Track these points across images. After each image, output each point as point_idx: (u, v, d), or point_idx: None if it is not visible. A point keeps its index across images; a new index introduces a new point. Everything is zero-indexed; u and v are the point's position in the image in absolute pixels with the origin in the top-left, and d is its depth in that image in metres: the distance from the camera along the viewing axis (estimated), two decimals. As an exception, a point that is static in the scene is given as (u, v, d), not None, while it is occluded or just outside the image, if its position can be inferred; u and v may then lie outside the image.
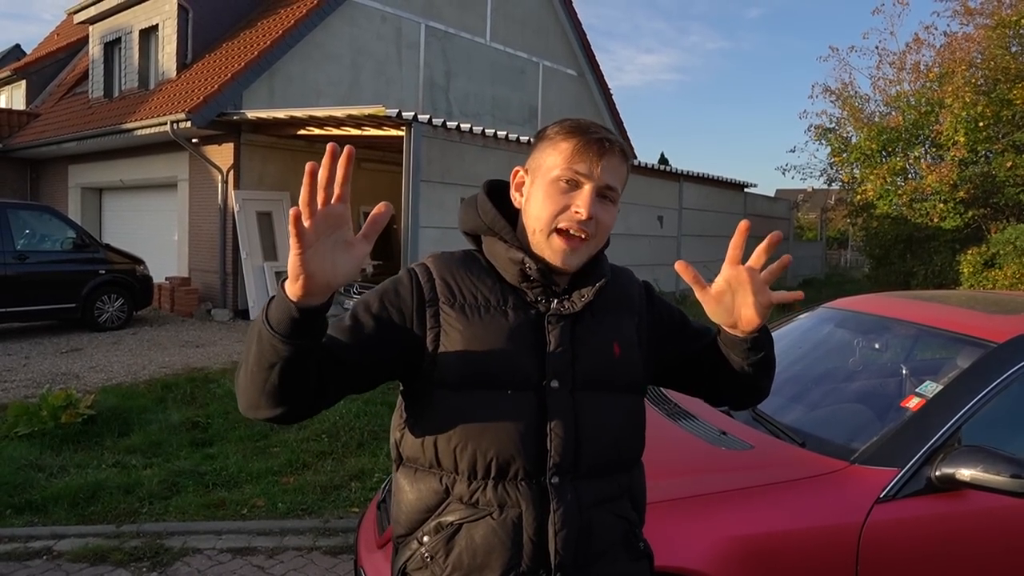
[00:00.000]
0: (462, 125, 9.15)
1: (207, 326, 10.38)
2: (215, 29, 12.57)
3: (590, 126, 1.22)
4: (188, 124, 10.21)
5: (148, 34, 13.02)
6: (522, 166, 1.29)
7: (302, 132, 10.44)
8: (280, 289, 1.02)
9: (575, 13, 16.26)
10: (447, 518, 1.20)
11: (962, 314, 2.94)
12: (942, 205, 12.79)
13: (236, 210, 10.72)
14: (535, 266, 1.21)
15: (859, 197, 14.20)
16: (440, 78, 13.71)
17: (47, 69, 17.58)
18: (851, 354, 3.22)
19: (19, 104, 17.31)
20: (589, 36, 17.17)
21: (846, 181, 15.35)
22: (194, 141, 11.09)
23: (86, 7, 14.08)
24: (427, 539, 1.21)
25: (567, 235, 1.20)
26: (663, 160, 28.12)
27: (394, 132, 8.90)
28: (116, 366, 7.58)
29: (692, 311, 1.46)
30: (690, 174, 14.44)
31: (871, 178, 13.55)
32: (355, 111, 8.34)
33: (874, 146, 13.70)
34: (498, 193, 1.32)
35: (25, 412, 5.06)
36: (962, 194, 12.63)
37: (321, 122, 9.41)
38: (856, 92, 15.13)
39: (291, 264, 0.98)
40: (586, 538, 1.21)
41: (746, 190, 16.97)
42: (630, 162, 1.27)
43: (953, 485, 2.03)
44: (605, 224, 1.22)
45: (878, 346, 3.20)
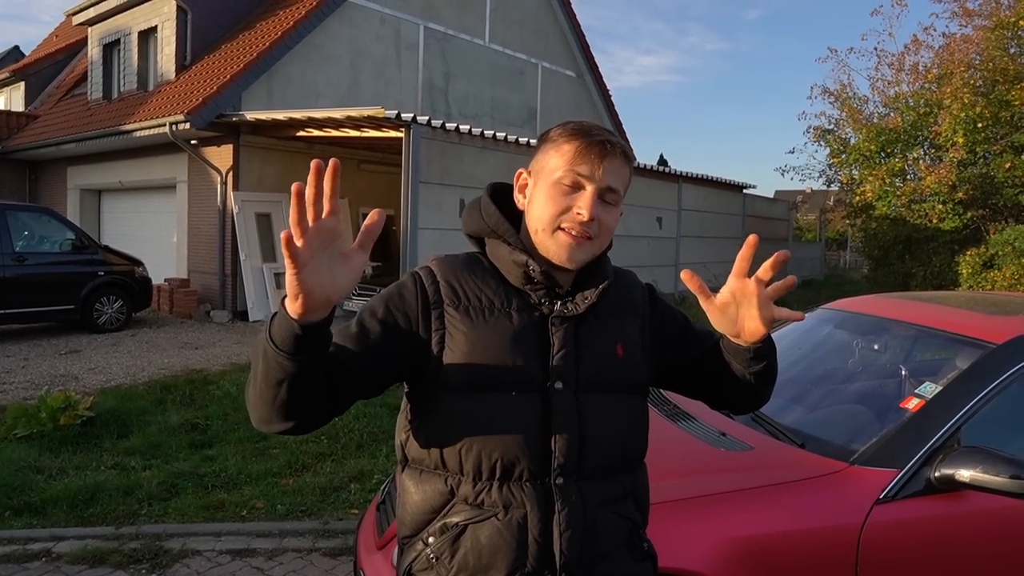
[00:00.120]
0: (461, 126, 9.15)
1: (206, 328, 10.37)
2: (214, 31, 12.57)
3: (592, 128, 1.22)
4: (187, 125, 10.21)
5: (147, 36, 13.02)
6: (525, 168, 1.30)
7: (301, 134, 10.44)
8: (281, 307, 1.01)
9: (574, 14, 16.28)
10: (452, 519, 1.20)
11: (961, 315, 2.95)
12: (941, 206, 12.80)
13: (235, 211, 10.72)
14: (539, 268, 1.22)
15: (858, 198, 14.20)
16: (439, 79, 13.71)
17: (46, 71, 17.58)
18: (850, 355, 3.22)
19: (18, 106, 17.31)
20: (588, 37, 17.21)
21: (845, 182, 15.35)
22: (193, 143, 11.09)
23: (85, 8, 14.08)
24: (432, 540, 1.22)
25: (570, 232, 1.20)
26: (662, 161, 28.14)
27: (393, 133, 8.90)
28: (115, 368, 7.57)
29: (692, 313, 1.46)
30: (689, 175, 14.45)
31: (870, 179, 13.56)
32: (354, 112, 8.34)
33: (873, 147, 13.70)
34: (501, 196, 1.33)
35: (24, 414, 5.06)
36: (961, 195, 12.63)
37: (320, 124, 9.41)
38: (855, 93, 15.11)
39: (288, 283, 0.96)
40: (591, 539, 1.21)
41: (745, 191, 16.99)
42: (633, 164, 1.27)
43: (953, 486, 2.03)
44: (607, 225, 1.23)
45: (877, 347, 3.20)
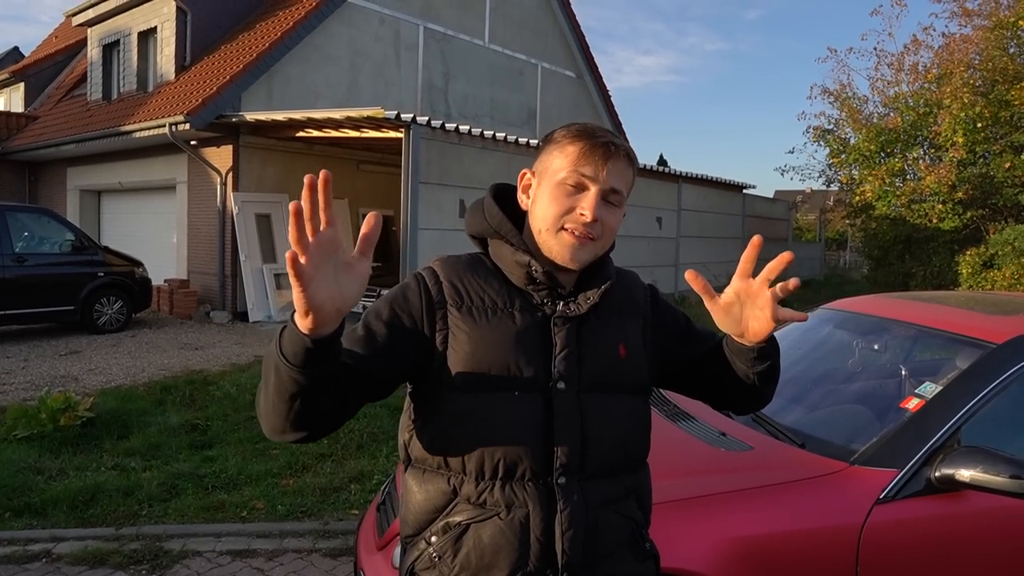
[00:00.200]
0: (461, 127, 9.14)
1: (206, 328, 10.37)
2: (213, 31, 12.57)
3: (597, 130, 1.23)
4: (187, 126, 10.21)
5: (147, 36, 13.02)
6: (529, 168, 1.30)
7: (301, 134, 10.44)
8: (291, 322, 1.00)
9: (573, 15, 16.28)
10: (455, 518, 1.21)
11: (961, 315, 2.95)
12: (941, 206, 12.80)
13: (235, 212, 10.73)
14: (541, 269, 1.23)
15: (858, 198, 14.20)
16: (439, 80, 13.71)
17: (45, 71, 17.58)
18: (850, 355, 3.22)
19: (17, 107, 17.31)
20: (588, 38, 17.23)
21: (845, 182, 15.36)
22: (193, 143, 11.09)
23: (84, 9, 14.08)
24: (435, 539, 1.22)
25: (573, 233, 1.21)
26: (662, 161, 28.16)
27: (393, 134, 8.90)
28: (115, 368, 7.57)
29: (692, 313, 1.46)
30: (689, 175, 14.45)
31: (870, 179, 13.56)
32: (353, 113, 8.34)
33: (872, 147, 13.70)
34: (503, 196, 1.33)
35: (24, 415, 5.06)
36: (961, 195, 12.63)
37: (319, 124, 9.41)
38: (854, 93, 15.11)
39: (297, 301, 0.96)
40: (593, 538, 1.22)
41: (745, 191, 16.98)
42: (637, 166, 1.28)
43: (953, 486, 2.03)
44: (610, 227, 1.23)
45: (877, 347, 3.20)
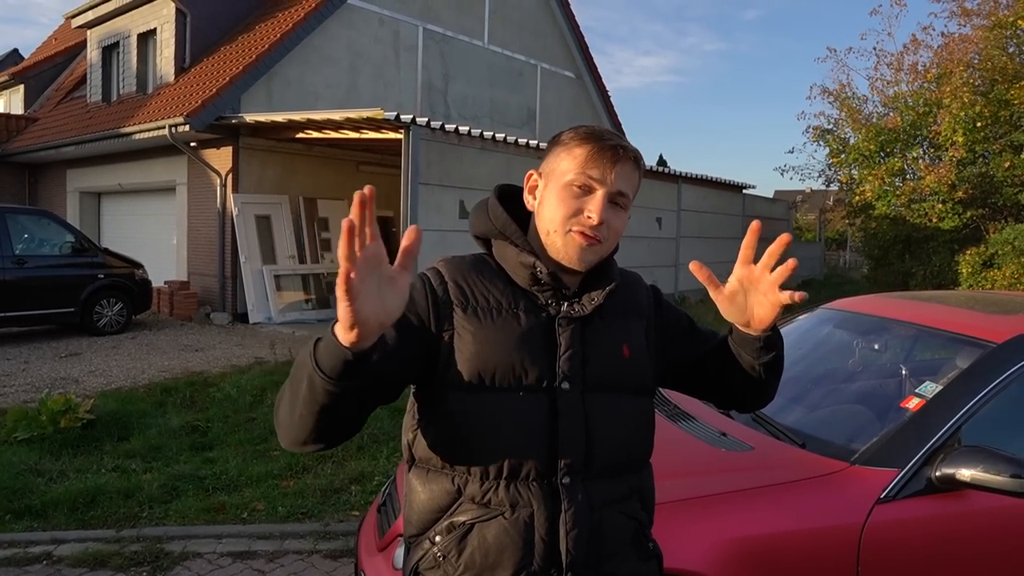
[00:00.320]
0: (460, 128, 9.14)
1: (206, 330, 10.37)
2: (213, 33, 12.57)
3: (604, 133, 1.23)
4: (186, 128, 10.22)
5: (146, 38, 13.02)
6: (533, 169, 1.31)
7: (300, 135, 10.45)
8: (331, 335, 1.00)
9: (573, 16, 16.28)
10: (459, 518, 1.21)
11: (961, 314, 2.95)
12: (940, 205, 12.80)
13: (235, 214, 10.73)
14: (546, 270, 1.23)
15: (857, 198, 14.20)
16: (438, 81, 13.72)
17: (45, 73, 17.59)
18: (850, 355, 3.22)
19: (17, 108, 17.33)
20: (587, 38, 17.24)
21: (844, 182, 15.35)
22: (192, 145, 11.09)
23: (84, 11, 14.09)
24: (439, 539, 1.22)
25: (582, 234, 1.21)
26: (661, 162, 28.17)
27: (392, 135, 8.90)
28: (115, 370, 7.57)
29: (692, 312, 1.46)
30: (688, 175, 14.44)
31: (869, 179, 13.56)
32: (353, 114, 8.34)
33: (872, 147, 13.70)
34: (508, 197, 1.34)
35: (24, 417, 5.06)
36: (960, 194, 12.63)
37: (319, 125, 9.42)
38: (854, 93, 15.10)
39: (342, 315, 0.95)
40: (597, 538, 1.22)
41: (744, 191, 16.98)
42: (641, 170, 1.28)
43: (953, 485, 2.03)
44: (616, 229, 1.24)
45: (877, 347, 3.20)
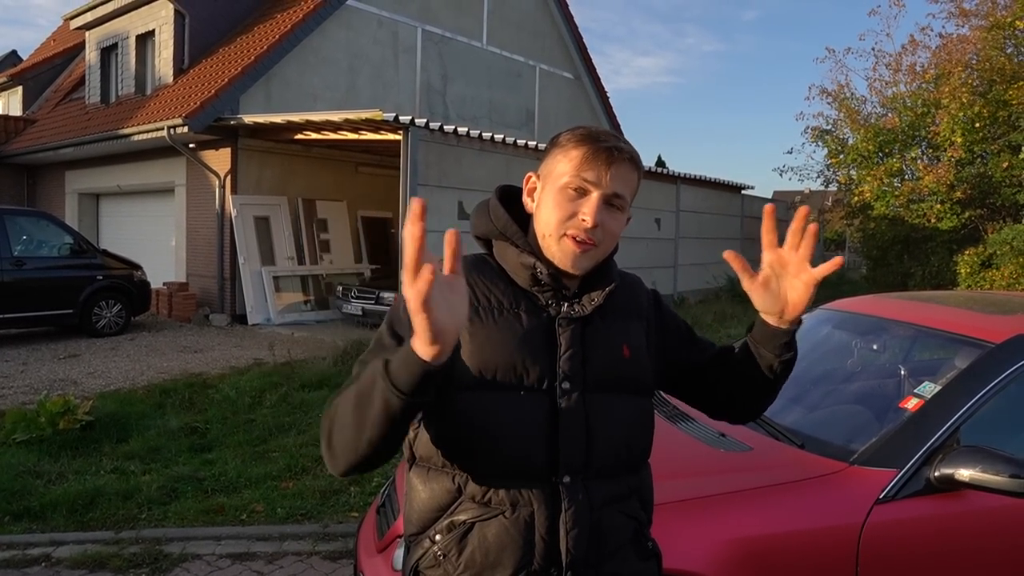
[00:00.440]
0: (459, 129, 9.15)
1: (205, 331, 10.37)
2: (212, 34, 12.57)
3: (602, 134, 1.23)
4: (185, 129, 10.21)
5: (145, 40, 13.02)
6: (531, 171, 1.31)
7: (299, 137, 10.45)
8: (409, 353, 0.98)
9: (571, 17, 16.30)
10: (460, 517, 1.21)
11: (960, 315, 2.95)
12: (939, 206, 12.81)
13: (233, 215, 10.73)
14: (546, 271, 1.23)
15: (856, 198, 14.21)
16: (437, 82, 13.72)
17: (44, 75, 17.59)
18: (849, 355, 3.22)
19: (16, 110, 17.32)
20: (585, 39, 17.24)
21: (843, 183, 15.36)
22: (191, 146, 11.09)
23: (82, 13, 14.09)
24: (439, 538, 1.22)
25: (575, 240, 1.21)
26: (660, 163, 28.17)
27: (391, 136, 8.91)
28: (114, 372, 7.57)
29: (692, 313, 1.46)
30: (687, 176, 14.45)
31: (868, 179, 13.57)
32: (352, 115, 8.35)
33: (871, 147, 13.71)
34: (509, 198, 1.34)
35: (23, 418, 5.05)
36: (959, 195, 12.65)
37: (318, 127, 9.42)
38: (852, 94, 15.11)
39: (422, 330, 0.94)
40: (597, 537, 1.22)
41: (743, 192, 16.99)
42: (640, 171, 1.28)
43: (952, 485, 2.03)
44: (612, 231, 1.24)
45: (876, 347, 3.20)
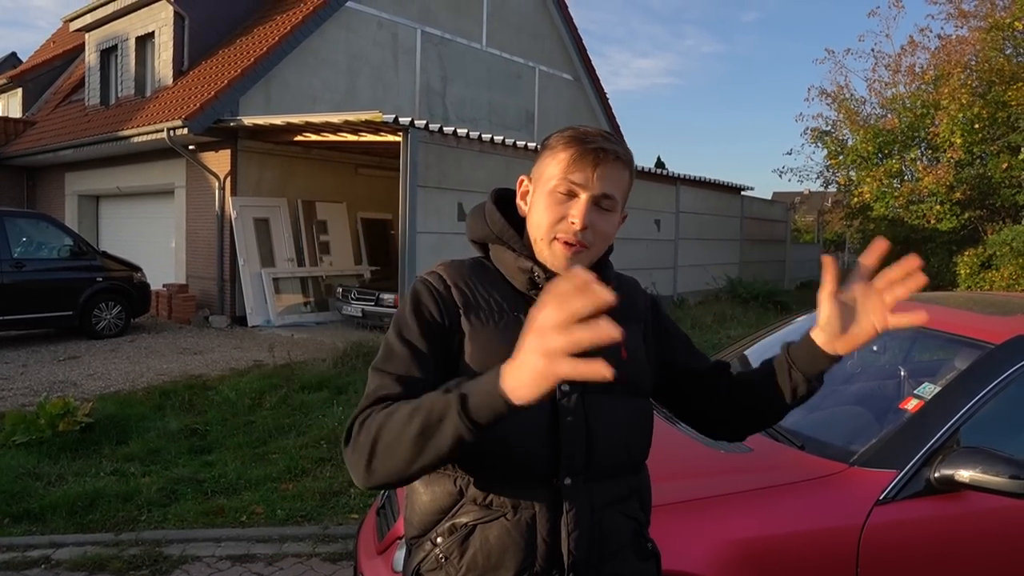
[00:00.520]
0: (459, 130, 9.15)
1: (205, 333, 10.37)
2: (211, 36, 12.58)
3: (588, 135, 1.22)
4: (185, 131, 10.21)
5: (144, 41, 13.03)
6: (526, 174, 1.31)
7: (299, 138, 10.45)
8: (497, 393, 0.97)
9: (571, 18, 16.31)
10: (461, 519, 1.21)
11: (959, 315, 2.95)
12: (939, 207, 12.82)
13: (233, 217, 10.73)
14: (544, 275, 1.23)
15: (856, 199, 14.22)
16: (436, 83, 13.73)
17: (43, 77, 17.58)
18: (849, 356, 3.21)
19: (15, 112, 17.31)
20: (585, 41, 17.24)
21: (842, 183, 15.38)
22: (191, 148, 11.09)
23: (82, 15, 14.10)
24: (441, 540, 1.22)
25: (565, 243, 1.21)
26: (659, 164, 28.16)
27: (391, 138, 8.90)
28: (114, 374, 7.56)
29: (691, 314, 1.46)
30: (687, 177, 14.45)
31: (867, 180, 13.58)
32: (352, 117, 8.35)
33: (870, 148, 13.73)
34: (505, 201, 1.34)
35: (23, 420, 5.05)
36: (958, 195, 12.66)
37: (318, 128, 9.42)
38: (852, 95, 15.15)
39: (542, 375, 0.91)
40: (598, 538, 1.23)
41: (743, 193, 16.98)
42: (632, 168, 1.27)
43: (952, 486, 2.03)
44: (602, 232, 1.23)
45: (876, 348, 3.20)
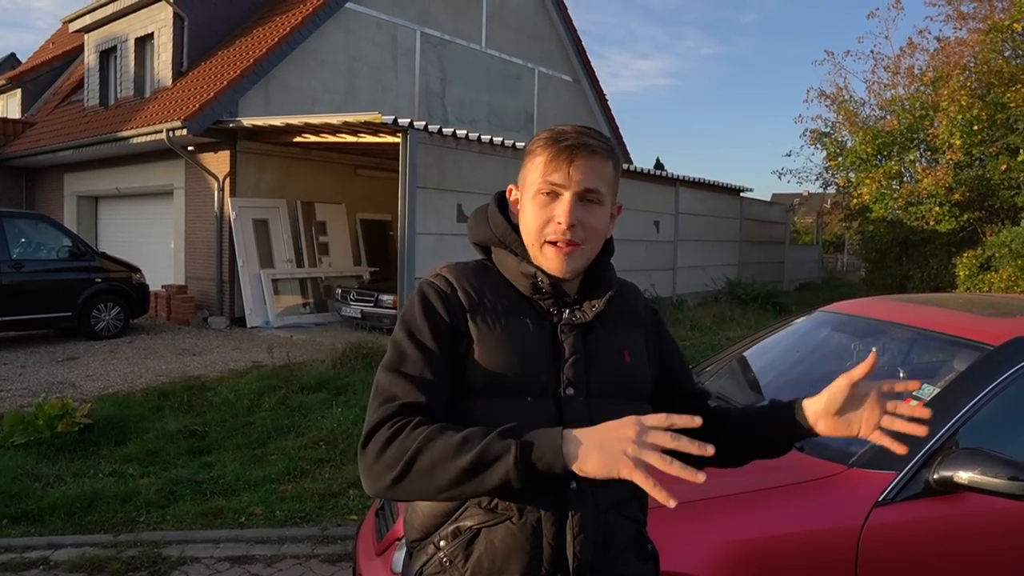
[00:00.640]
0: (458, 131, 9.15)
1: (204, 334, 10.36)
2: (211, 37, 12.58)
3: (562, 133, 1.22)
4: (184, 132, 10.21)
5: (144, 42, 13.03)
6: (515, 184, 1.31)
7: (298, 139, 10.45)
8: (559, 452, 1.02)
9: (570, 19, 16.33)
10: (465, 523, 1.20)
11: (958, 317, 2.95)
12: (938, 208, 12.82)
13: (232, 218, 10.73)
14: (548, 279, 1.23)
15: (855, 201, 14.23)
16: (436, 85, 13.73)
17: (42, 78, 17.58)
18: (848, 358, 3.22)
19: (14, 113, 17.30)
20: (584, 42, 17.25)
21: (842, 185, 15.39)
22: (190, 149, 11.09)
23: (81, 16, 14.10)
24: (444, 543, 1.22)
25: (556, 244, 1.21)
26: (659, 165, 28.18)
27: (390, 139, 8.91)
28: (113, 375, 7.56)
29: (691, 316, 1.47)
30: (686, 179, 14.47)
31: (867, 182, 13.59)
32: (351, 118, 8.35)
33: (869, 150, 13.73)
34: (506, 204, 1.34)
35: (21, 421, 5.04)
36: (957, 197, 12.66)
37: (317, 129, 9.43)
38: (851, 96, 15.16)
39: (621, 462, 0.98)
40: (603, 541, 1.23)
41: (742, 194, 17.01)
42: (614, 158, 1.26)
43: (951, 488, 2.03)
44: (593, 227, 1.22)
45: (875, 349, 3.19)
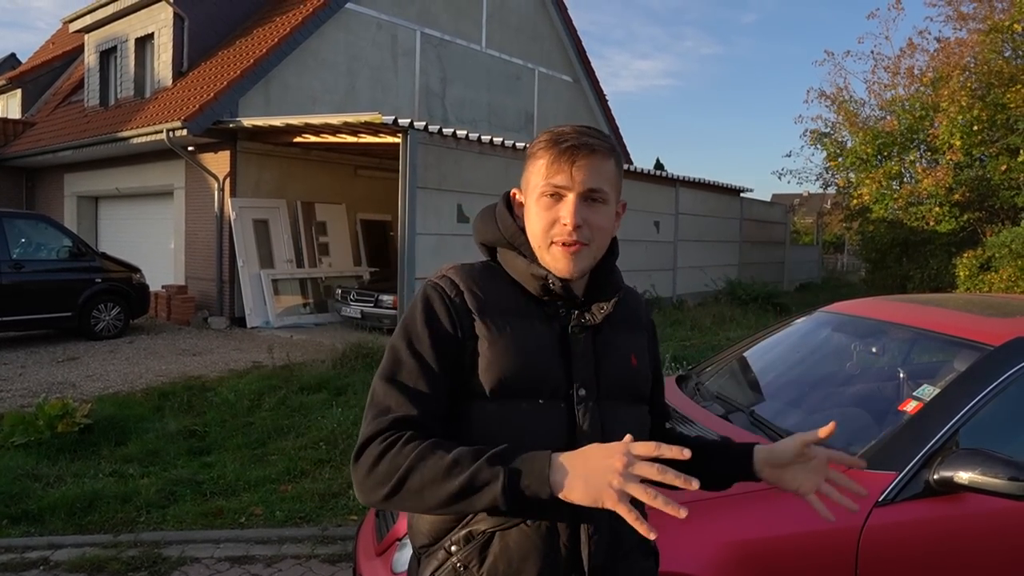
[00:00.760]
0: (458, 132, 9.16)
1: (204, 334, 10.36)
2: (211, 37, 12.59)
3: (562, 135, 1.21)
4: (184, 132, 10.22)
5: (144, 43, 13.03)
6: (518, 187, 1.31)
7: (298, 140, 10.45)
8: (545, 480, 1.04)
9: (570, 20, 16.34)
10: (478, 527, 1.19)
11: (959, 317, 2.95)
12: (938, 208, 12.82)
13: (232, 218, 10.73)
14: (559, 281, 1.22)
15: (855, 201, 14.23)
16: (436, 85, 13.74)
17: (42, 78, 17.58)
18: (848, 358, 3.22)
19: (14, 113, 17.31)
20: (584, 42, 17.26)
21: (842, 185, 15.39)
22: (190, 149, 11.10)
23: (81, 16, 14.11)
24: (456, 548, 1.20)
25: (563, 245, 1.21)
26: (659, 165, 28.19)
27: (390, 139, 8.91)
28: (113, 375, 7.56)
29: (690, 315, 1.47)
30: (686, 179, 14.47)
31: (867, 182, 13.58)
32: (351, 118, 8.35)
33: (869, 150, 13.73)
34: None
35: (21, 422, 5.04)
36: (957, 197, 12.66)
37: (317, 130, 9.43)
38: (851, 96, 15.16)
39: (606, 494, 1.03)
40: (615, 541, 1.23)
41: (742, 195, 17.02)
42: (616, 156, 1.26)
43: (951, 488, 2.03)
44: (598, 226, 1.22)
45: (875, 350, 3.20)
